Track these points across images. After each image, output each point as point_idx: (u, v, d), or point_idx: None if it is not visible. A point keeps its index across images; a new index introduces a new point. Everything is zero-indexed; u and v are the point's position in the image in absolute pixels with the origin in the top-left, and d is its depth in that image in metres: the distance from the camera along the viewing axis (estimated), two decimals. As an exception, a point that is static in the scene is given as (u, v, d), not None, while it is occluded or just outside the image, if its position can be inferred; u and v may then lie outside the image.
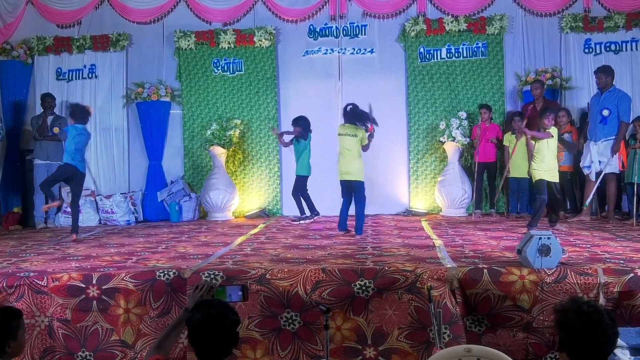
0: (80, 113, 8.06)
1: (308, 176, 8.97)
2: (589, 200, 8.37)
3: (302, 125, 8.86)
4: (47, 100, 9.88)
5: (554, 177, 7.59)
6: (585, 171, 8.47)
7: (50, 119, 9.76)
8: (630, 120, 8.46)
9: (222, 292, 3.60)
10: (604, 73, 8.35)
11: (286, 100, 10.42)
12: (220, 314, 3.03)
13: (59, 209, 9.34)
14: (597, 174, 8.28)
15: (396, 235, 7.58)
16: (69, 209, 9.60)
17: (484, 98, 9.92)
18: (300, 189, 8.96)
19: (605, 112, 8.23)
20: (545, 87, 9.41)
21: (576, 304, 2.81)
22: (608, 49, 9.72)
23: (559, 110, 9.04)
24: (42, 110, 9.91)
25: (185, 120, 10.54)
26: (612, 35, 9.71)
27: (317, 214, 8.98)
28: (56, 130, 9.48)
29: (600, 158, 8.28)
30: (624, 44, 9.69)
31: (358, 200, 7.58)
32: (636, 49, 9.66)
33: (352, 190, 7.63)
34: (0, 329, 3.20)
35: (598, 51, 9.75)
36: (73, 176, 7.90)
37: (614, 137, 8.21)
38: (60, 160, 9.12)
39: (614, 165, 8.29)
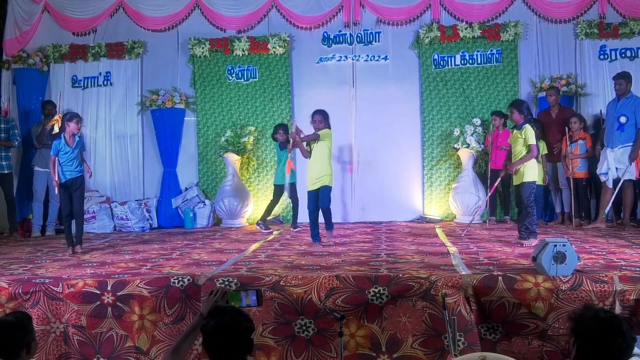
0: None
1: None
2: (607, 209, 8.29)
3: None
4: (47, 107, 9.87)
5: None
6: (602, 178, 8.40)
7: (49, 126, 9.70)
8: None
9: (236, 296, 3.61)
10: (624, 79, 8.30)
11: (300, 107, 10.39)
12: (234, 321, 3.04)
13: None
14: (615, 181, 8.22)
15: (410, 242, 7.55)
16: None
17: (498, 105, 9.87)
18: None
19: (623, 119, 8.17)
20: (560, 93, 9.36)
21: (591, 311, 2.78)
22: (623, 55, 9.66)
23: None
24: (43, 117, 9.88)
25: (200, 127, 10.58)
26: (627, 42, 9.64)
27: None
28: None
29: (617, 165, 8.22)
30: (639, 50, 9.62)
31: None
32: (651, 56, 9.60)
33: None
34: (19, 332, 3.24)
35: (613, 57, 9.69)
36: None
37: (631, 143, 8.14)
38: None
39: (631, 172, 8.22)
